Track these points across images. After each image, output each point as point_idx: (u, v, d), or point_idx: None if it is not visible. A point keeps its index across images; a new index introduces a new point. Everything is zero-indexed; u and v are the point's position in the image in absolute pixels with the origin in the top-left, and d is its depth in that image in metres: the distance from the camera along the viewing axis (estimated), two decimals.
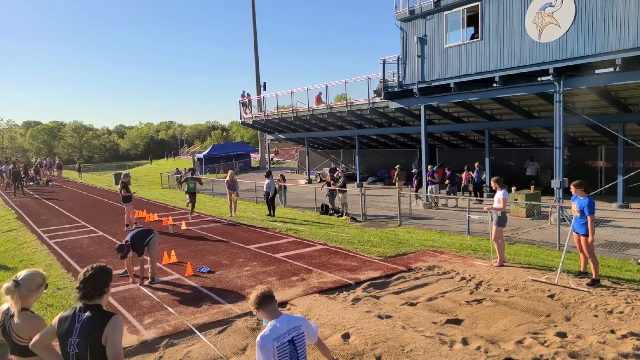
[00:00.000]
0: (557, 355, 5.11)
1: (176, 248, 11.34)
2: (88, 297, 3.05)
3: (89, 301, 3.06)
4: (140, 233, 8.63)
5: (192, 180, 16.11)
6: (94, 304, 3.07)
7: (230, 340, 6.04)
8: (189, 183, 16.07)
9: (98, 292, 3.08)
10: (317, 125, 28.17)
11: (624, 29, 11.47)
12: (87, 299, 3.06)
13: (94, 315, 3.01)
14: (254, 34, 41.44)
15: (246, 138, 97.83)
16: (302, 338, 3.22)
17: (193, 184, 16.07)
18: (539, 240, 11.40)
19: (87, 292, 3.05)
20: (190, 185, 16.02)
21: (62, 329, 3.03)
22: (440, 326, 6.13)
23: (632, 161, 16.22)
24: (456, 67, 15.60)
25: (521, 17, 13.52)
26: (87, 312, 3.02)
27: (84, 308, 3.05)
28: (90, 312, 3.02)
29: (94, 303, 3.07)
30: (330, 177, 17.54)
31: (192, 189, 16.03)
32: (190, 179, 16.13)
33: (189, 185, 16.07)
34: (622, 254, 9.74)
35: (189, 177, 16.23)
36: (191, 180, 16.07)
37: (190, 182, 16.06)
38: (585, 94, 14.69)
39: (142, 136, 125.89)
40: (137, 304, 7.53)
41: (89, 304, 3.06)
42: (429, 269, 8.90)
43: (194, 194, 16.12)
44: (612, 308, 6.50)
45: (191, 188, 16.00)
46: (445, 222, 14.40)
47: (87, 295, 3.05)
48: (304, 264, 9.57)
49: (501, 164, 21.43)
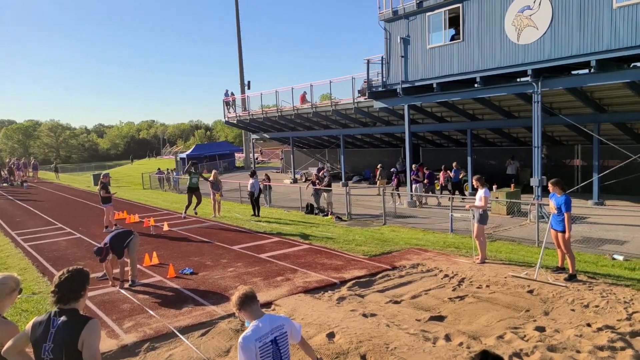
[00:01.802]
0: (536, 349, 5.23)
1: (158, 249, 11.21)
2: (63, 301, 2.98)
3: (64, 305, 2.98)
4: (119, 235, 8.50)
5: (195, 174, 15.20)
6: (70, 308, 2.99)
7: (213, 342, 6.01)
8: (191, 177, 15.08)
9: (74, 296, 3.00)
10: (302, 124, 28.17)
11: (598, 32, 11.77)
12: (62, 303, 2.98)
13: (70, 319, 2.94)
14: (238, 32, 41.22)
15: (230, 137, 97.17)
16: (285, 338, 3.23)
17: (196, 178, 15.19)
18: (519, 237, 11.61)
19: (62, 296, 2.97)
20: (193, 180, 15.10)
21: (36, 335, 2.95)
22: (423, 323, 6.21)
23: (606, 160, 16.64)
24: (439, 67, 15.79)
25: (501, 19, 13.75)
26: (63, 316, 2.95)
27: (60, 312, 2.97)
28: (65, 317, 2.94)
29: (70, 307, 2.99)
30: (316, 177, 17.56)
31: (194, 184, 15.09)
32: (193, 173, 15.20)
33: (191, 180, 15.07)
34: (597, 249, 10.00)
35: (192, 172, 15.21)
36: (194, 175, 15.16)
37: (193, 177, 15.08)
38: (562, 94, 15.02)
39: (122, 135, 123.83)
40: (117, 308, 7.42)
41: (65, 308, 2.98)
42: (413, 267, 9.00)
43: (198, 189, 15.19)
44: (588, 302, 6.68)
45: (194, 183, 15.05)
46: (430, 221, 14.56)
47: (63, 299, 2.98)
48: (289, 264, 9.57)
49: (483, 163, 21.75)
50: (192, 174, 15.15)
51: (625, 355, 5.05)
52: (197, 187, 15.18)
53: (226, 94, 32.94)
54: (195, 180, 15.13)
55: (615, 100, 15.19)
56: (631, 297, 6.83)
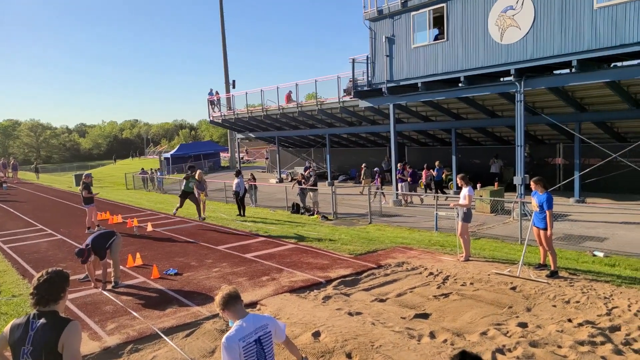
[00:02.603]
0: (519, 344, 5.30)
1: (141, 250, 11.07)
2: (42, 303, 2.93)
3: (43, 307, 2.94)
4: (101, 236, 8.37)
5: (193, 179, 14.66)
6: (50, 310, 2.95)
7: (198, 343, 5.96)
8: (189, 182, 14.49)
9: (53, 298, 2.96)
10: (288, 124, 28.12)
11: (579, 32, 11.98)
12: (41, 305, 2.94)
13: (50, 322, 2.89)
14: (222, 31, 40.94)
15: (215, 137, 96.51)
16: (269, 337, 3.21)
17: (192, 184, 14.65)
18: (502, 235, 11.76)
19: (41, 298, 2.93)
20: (190, 185, 14.57)
21: (14, 338, 2.89)
22: (409, 321, 6.25)
23: (587, 158, 16.96)
24: (423, 67, 15.90)
25: (484, 19, 13.90)
26: (42, 319, 2.90)
27: (39, 315, 2.93)
28: (45, 319, 2.90)
29: (50, 309, 2.95)
30: (301, 176, 17.55)
31: (190, 189, 14.57)
32: (192, 177, 14.65)
33: (188, 184, 14.48)
34: (578, 246, 10.19)
35: (191, 176, 14.58)
36: (192, 180, 14.62)
37: (190, 182, 14.48)
38: (544, 94, 15.27)
39: (104, 135, 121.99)
40: (99, 310, 7.31)
41: (44, 311, 2.94)
42: (399, 265, 9.05)
43: (192, 193, 14.67)
44: (569, 298, 6.80)
45: (190, 188, 14.52)
46: (415, 219, 14.66)
47: (42, 301, 2.93)
48: (275, 264, 9.54)
49: (467, 162, 22.00)
50: (191, 177, 14.55)
51: (605, 349, 5.15)
52: (192, 191, 14.71)
53: (210, 93, 32.70)
54: (192, 185, 14.64)
55: (596, 100, 15.48)
56: (611, 292, 6.97)
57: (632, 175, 15.83)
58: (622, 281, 7.50)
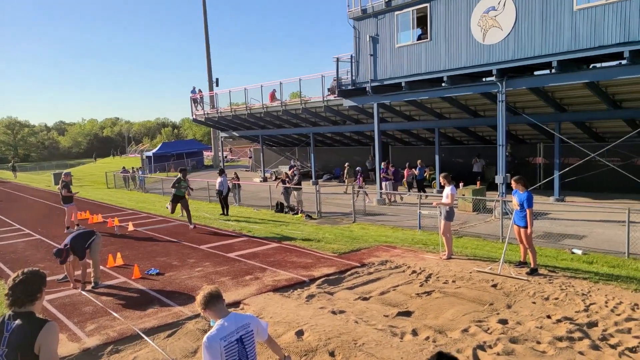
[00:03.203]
0: (499, 341, 5.38)
1: (122, 250, 10.91)
2: (18, 304, 2.88)
3: (19, 308, 2.89)
4: (80, 235, 8.22)
5: (185, 183, 14.02)
6: (25, 311, 2.90)
7: (180, 343, 5.90)
8: (181, 185, 13.90)
9: (29, 299, 2.91)
10: (272, 122, 28.01)
11: (559, 33, 12.19)
12: (17, 305, 2.88)
13: (25, 323, 2.84)
14: (205, 28, 40.53)
15: (199, 135, 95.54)
16: (250, 336, 3.19)
17: (185, 187, 14.06)
18: (484, 233, 11.91)
19: (17, 299, 2.88)
20: (182, 189, 13.95)
21: None
22: (391, 319, 6.28)
23: (567, 158, 17.30)
24: (407, 66, 15.99)
25: (467, 20, 14.04)
26: (18, 320, 2.85)
27: (14, 316, 2.87)
28: (21, 320, 2.84)
29: (25, 310, 2.90)
30: (285, 175, 17.50)
31: (182, 193, 14.01)
32: (184, 181, 13.98)
33: (180, 188, 13.88)
34: (558, 244, 10.37)
35: (182, 179, 13.94)
36: (184, 183, 13.97)
37: (182, 185, 13.91)
38: (525, 94, 15.50)
39: (84, 133, 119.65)
40: (79, 310, 7.18)
41: (20, 311, 2.88)
42: (382, 263, 9.09)
43: (185, 197, 14.08)
44: (548, 295, 6.92)
45: (182, 192, 13.97)
46: (398, 218, 14.75)
47: (17, 302, 2.88)
48: (258, 263, 9.49)
49: (450, 161, 22.22)
50: (182, 181, 13.92)
51: (583, 345, 5.25)
52: (183, 195, 14.08)
53: (193, 91, 32.37)
54: (184, 189, 14.02)
55: (575, 100, 15.79)
56: (589, 289, 7.12)
57: (610, 175, 16.20)
58: (600, 278, 7.67)
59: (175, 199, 13.89)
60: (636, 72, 11.64)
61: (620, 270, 8.20)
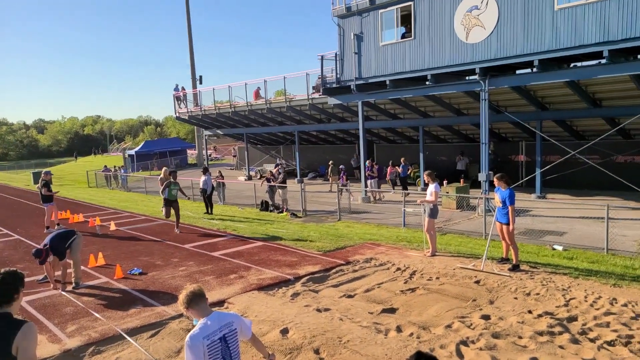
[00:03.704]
0: (482, 336, 5.44)
1: (104, 250, 10.74)
2: None
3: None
4: (60, 235, 8.07)
5: (176, 185, 13.35)
6: (2, 312, 2.85)
7: (163, 343, 5.83)
8: (172, 189, 13.18)
9: (6, 300, 2.86)
10: (256, 120, 27.85)
11: (541, 32, 12.37)
12: None
13: (2, 324, 2.80)
14: (188, 25, 40.06)
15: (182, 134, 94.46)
16: (234, 335, 3.17)
17: (176, 190, 13.33)
18: (468, 230, 12.04)
19: None
20: (173, 192, 13.21)
21: None
22: (376, 316, 6.31)
23: (548, 156, 17.59)
24: (391, 64, 16.05)
25: (450, 18, 14.15)
26: None
27: None
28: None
29: (2, 311, 2.85)
30: (270, 173, 17.42)
31: (174, 197, 13.25)
32: (174, 184, 13.28)
33: (170, 191, 13.15)
34: (539, 240, 10.55)
35: (172, 182, 13.27)
36: (174, 186, 13.27)
37: (173, 188, 13.22)
38: (508, 92, 15.71)
39: (65, 131, 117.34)
40: (59, 311, 7.06)
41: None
42: (367, 261, 9.12)
43: (176, 201, 13.35)
44: (530, 290, 7.03)
45: (173, 195, 13.20)
46: (383, 216, 14.81)
47: None
48: (243, 262, 9.44)
49: (434, 159, 22.39)
50: (172, 184, 13.25)
51: (563, 339, 5.35)
52: (175, 199, 13.39)
53: (176, 89, 31.99)
54: (175, 192, 13.30)
55: (556, 99, 16.05)
56: (569, 284, 7.26)
57: (590, 172, 16.52)
58: (580, 273, 7.82)
59: (167, 203, 13.25)
60: (615, 72, 11.88)
61: (599, 265, 8.37)
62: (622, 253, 9.12)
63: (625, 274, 7.75)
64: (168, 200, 13.14)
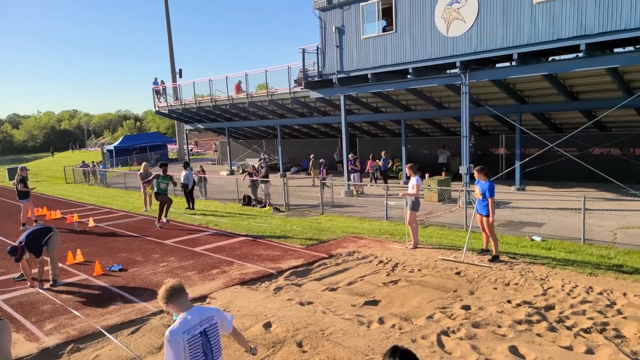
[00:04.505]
0: (462, 326, 5.52)
1: (82, 247, 10.54)
2: None
3: None
4: (36, 232, 7.88)
5: (165, 179, 12.96)
6: None
7: (144, 339, 5.76)
8: (159, 183, 12.83)
9: None
10: (238, 114, 27.60)
11: (520, 26, 12.51)
12: None
13: None
14: (167, 17, 39.36)
15: (162, 128, 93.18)
16: (215, 329, 3.14)
17: (165, 184, 12.92)
18: (449, 222, 12.18)
19: None
20: (162, 186, 12.84)
21: None
22: (359, 308, 6.34)
23: (527, 148, 17.89)
24: (373, 58, 16.05)
25: (431, 12, 14.21)
26: None
27: None
28: None
29: None
30: (252, 168, 17.32)
31: (163, 190, 12.86)
32: (162, 177, 12.92)
33: (159, 185, 12.82)
34: (518, 231, 10.74)
35: (161, 175, 12.95)
36: (163, 180, 12.89)
37: (162, 182, 12.87)
38: (488, 86, 15.89)
39: (41, 126, 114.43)
40: (37, 309, 6.90)
41: None
42: (349, 254, 9.15)
43: (166, 195, 12.97)
44: (509, 280, 7.16)
45: (162, 189, 12.82)
46: (366, 209, 14.87)
47: None
48: (225, 256, 9.37)
49: (416, 152, 22.56)
50: (161, 177, 12.90)
51: (541, 327, 5.46)
52: (165, 193, 12.99)
53: (155, 82, 31.42)
54: (164, 186, 12.93)
55: (535, 92, 16.30)
56: (546, 274, 7.41)
57: (567, 164, 16.88)
58: (557, 263, 7.99)
59: (157, 196, 12.95)
60: (591, 65, 12.11)
61: (576, 255, 8.57)
62: (598, 243, 9.35)
63: (600, 263, 7.95)
64: (157, 194, 12.96)
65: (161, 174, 12.99)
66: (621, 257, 8.27)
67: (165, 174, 13.03)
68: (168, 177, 13.12)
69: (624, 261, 7.99)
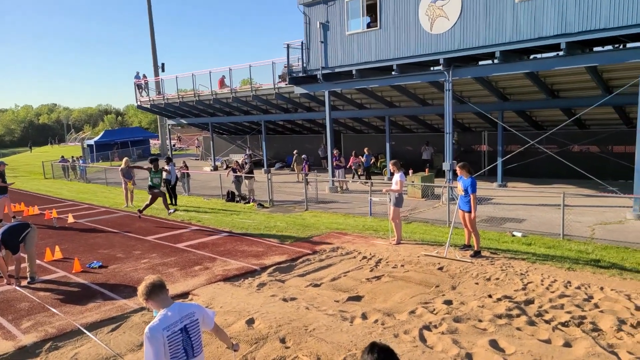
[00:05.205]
0: (444, 321, 5.58)
1: (61, 243, 10.33)
2: None
3: None
4: (13, 228, 7.70)
5: (157, 174, 12.90)
6: None
7: (125, 337, 5.67)
8: (152, 178, 12.78)
9: None
10: (222, 110, 27.33)
11: (502, 24, 12.64)
12: None
13: None
14: (149, 10, 38.71)
15: (145, 123, 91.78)
16: (195, 325, 3.11)
17: (158, 178, 12.92)
18: (432, 218, 12.29)
19: None
20: (155, 180, 12.79)
21: None
22: (342, 304, 6.35)
23: (509, 145, 18.15)
24: (357, 54, 16.04)
25: (415, 9, 14.25)
26: None
27: None
28: None
29: None
30: (236, 164, 17.18)
31: (157, 185, 12.85)
32: (153, 172, 12.81)
33: (152, 179, 12.78)
34: (500, 227, 10.89)
35: (152, 170, 12.85)
36: (155, 175, 12.81)
37: (154, 177, 12.81)
38: (471, 83, 16.04)
39: (18, 120, 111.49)
40: (13, 307, 6.75)
41: None
42: (333, 250, 9.16)
43: (159, 189, 12.91)
44: (490, 275, 7.26)
45: (155, 184, 12.78)
46: (350, 205, 14.90)
47: None
48: (208, 253, 9.29)
49: (401, 149, 22.69)
50: (152, 172, 12.84)
51: (520, 321, 5.55)
52: (158, 186, 12.91)
53: (137, 76, 30.92)
54: (157, 180, 12.83)
55: (517, 90, 16.53)
56: (527, 269, 7.53)
57: (548, 161, 17.16)
58: (537, 258, 8.13)
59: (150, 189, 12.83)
60: (571, 63, 12.31)
61: (555, 250, 8.73)
62: (576, 238, 9.54)
63: (579, 258, 8.12)
64: (151, 187, 12.87)
65: (152, 169, 12.93)
66: (599, 252, 8.46)
67: (157, 169, 12.98)
68: (160, 172, 13.19)
69: (601, 256, 8.17)
